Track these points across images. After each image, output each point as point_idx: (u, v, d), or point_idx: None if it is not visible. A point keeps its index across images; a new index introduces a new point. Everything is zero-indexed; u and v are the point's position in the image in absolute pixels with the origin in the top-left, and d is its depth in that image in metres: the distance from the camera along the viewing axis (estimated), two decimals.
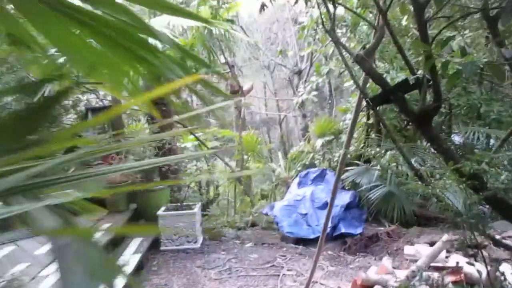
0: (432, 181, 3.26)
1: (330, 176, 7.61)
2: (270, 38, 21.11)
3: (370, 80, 4.07)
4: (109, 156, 6.10)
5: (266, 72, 20.46)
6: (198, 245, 5.63)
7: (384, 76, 6.07)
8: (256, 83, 21.38)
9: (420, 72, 3.01)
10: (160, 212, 5.65)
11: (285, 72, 18.35)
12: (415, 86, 2.87)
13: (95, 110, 7.11)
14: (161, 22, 5.72)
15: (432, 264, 4.28)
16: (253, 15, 22.64)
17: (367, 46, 3.70)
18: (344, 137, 8.44)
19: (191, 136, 7.97)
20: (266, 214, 6.68)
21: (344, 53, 3.44)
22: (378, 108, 3.77)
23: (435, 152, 2.84)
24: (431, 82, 2.83)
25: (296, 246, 6.01)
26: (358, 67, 4.75)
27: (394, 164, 6.63)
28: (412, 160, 6.85)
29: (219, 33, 5.88)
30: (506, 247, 2.96)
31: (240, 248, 5.62)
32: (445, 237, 4.19)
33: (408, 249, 4.93)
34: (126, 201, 6.07)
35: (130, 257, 4.86)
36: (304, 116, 14.97)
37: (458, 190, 6.60)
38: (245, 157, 8.15)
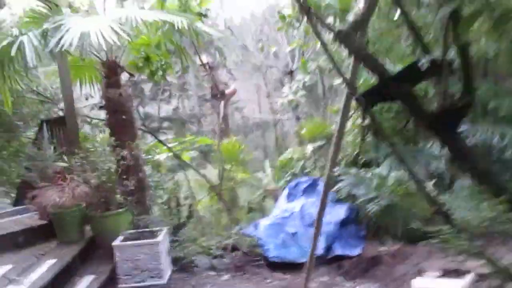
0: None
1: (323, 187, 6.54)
2: (262, 40, 20.01)
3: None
4: (58, 175, 5.04)
5: (259, 74, 19.43)
6: (163, 281, 4.55)
7: None
8: (249, 85, 20.37)
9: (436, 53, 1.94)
10: (117, 242, 4.57)
11: (277, 74, 17.35)
12: (429, 73, 1.80)
13: (50, 122, 6.05)
14: (112, 16, 4.66)
15: None
16: (245, 18, 21.67)
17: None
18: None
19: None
20: (250, 236, 5.61)
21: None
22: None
23: (467, 173, 1.77)
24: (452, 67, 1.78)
25: (284, 275, 4.94)
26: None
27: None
28: (415, 166, 5.80)
29: (183, 28, 4.82)
30: None
31: (214, 283, 4.55)
32: (471, 276, 3.13)
33: (417, 283, 3.85)
34: (79, 228, 4.99)
35: None
36: (297, 118, 13.90)
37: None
38: (227, 167, 7.07)
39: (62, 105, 6.93)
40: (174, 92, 17.58)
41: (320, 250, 5.39)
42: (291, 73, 15.40)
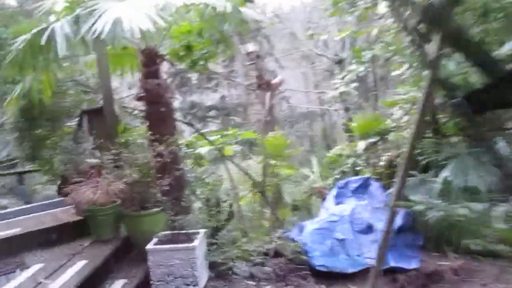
0: None
1: (376, 188, 5.88)
2: (311, 28, 19.20)
3: None
4: (93, 170, 4.72)
5: (306, 62, 18.71)
6: None
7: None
8: (296, 74, 19.67)
9: None
10: (150, 246, 4.19)
11: (326, 63, 16.58)
12: None
13: (90, 113, 5.77)
14: (149, 1, 4.21)
15: None
16: (294, 6, 20.91)
17: None
18: (392, 137, 6.66)
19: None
20: (294, 240, 5.08)
21: None
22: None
23: None
24: None
25: (330, 286, 4.38)
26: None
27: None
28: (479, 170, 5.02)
29: (226, 13, 4.31)
30: None
31: None
32: None
33: None
34: (114, 227, 4.66)
35: None
36: (347, 109, 13.15)
37: None
38: (272, 162, 6.56)
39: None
40: (221, 80, 17.23)
41: (371, 260, 4.79)
42: (340, 62, 14.63)
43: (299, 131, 18.21)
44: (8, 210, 5.70)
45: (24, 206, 5.75)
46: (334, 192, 6.08)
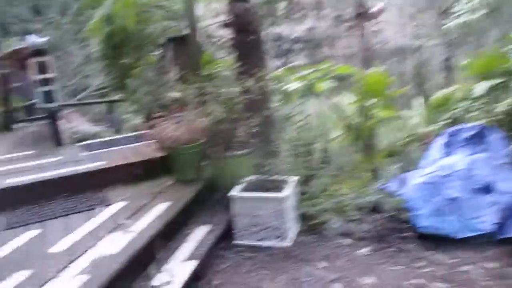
0: None
1: (496, 139, 4.79)
2: None
3: None
4: (175, 104, 4.24)
5: None
6: (287, 243, 3.63)
7: None
8: (389, 5, 17.61)
9: None
10: (235, 192, 3.70)
11: None
12: None
13: (176, 40, 5.23)
14: None
15: None
16: None
17: None
18: None
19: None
20: (394, 194, 4.33)
21: None
22: None
23: None
24: None
25: (440, 257, 3.63)
26: None
27: None
28: None
29: None
30: None
31: (349, 257, 3.47)
32: None
33: None
34: (197, 168, 4.22)
35: (179, 266, 3.04)
36: (449, 44, 11.50)
37: None
38: (370, 102, 5.67)
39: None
40: (308, 11, 15.91)
41: (488, 225, 3.94)
42: None
43: (390, 69, 16.60)
44: (93, 141, 5.53)
45: (108, 138, 5.55)
46: (441, 140, 5.10)
